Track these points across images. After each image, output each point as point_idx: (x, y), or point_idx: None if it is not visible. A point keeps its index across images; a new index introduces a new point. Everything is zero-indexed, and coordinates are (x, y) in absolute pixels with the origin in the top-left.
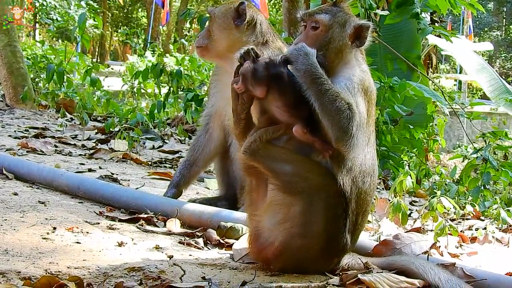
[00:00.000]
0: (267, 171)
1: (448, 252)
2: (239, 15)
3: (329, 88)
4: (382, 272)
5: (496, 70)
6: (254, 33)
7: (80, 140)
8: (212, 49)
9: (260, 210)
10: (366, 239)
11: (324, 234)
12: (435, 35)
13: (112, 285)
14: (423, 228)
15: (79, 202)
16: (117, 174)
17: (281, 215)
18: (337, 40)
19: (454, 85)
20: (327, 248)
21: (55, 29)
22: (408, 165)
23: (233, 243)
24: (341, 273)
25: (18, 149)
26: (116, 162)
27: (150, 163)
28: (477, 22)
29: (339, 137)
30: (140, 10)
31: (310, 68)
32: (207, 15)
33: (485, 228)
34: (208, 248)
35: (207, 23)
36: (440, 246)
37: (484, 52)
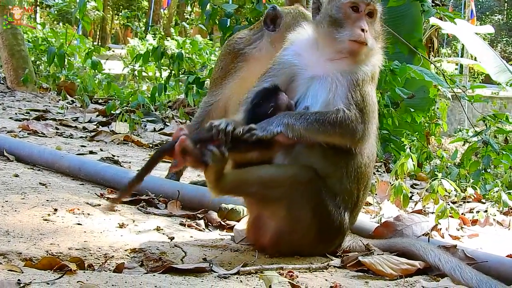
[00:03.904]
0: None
1: (449, 234)
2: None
3: (313, 119)
4: (383, 254)
5: (497, 54)
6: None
7: (81, 123)
8: None
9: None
10: (367, 221)
11: (315, 220)
12: (437, 17)
13: (113, 266)
14: (424, 211)
15: (80, 184)
16: (118, 156)
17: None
18: (380, 29)
19: (456, 69)
20: (323, 232)
21: (56, 12)
22: (410, 148)
23: (234, 225)
24: (342, 255)
25: (19, 131)
26: (117, 144)
27: (151, 145)
28: (479, 6)
29: (353, 144)
30: None
31: (280, 128)
32: None
33: (486, 211)
34: (209, 229)
35: None
36: (441, 228)
37: (486, 35)
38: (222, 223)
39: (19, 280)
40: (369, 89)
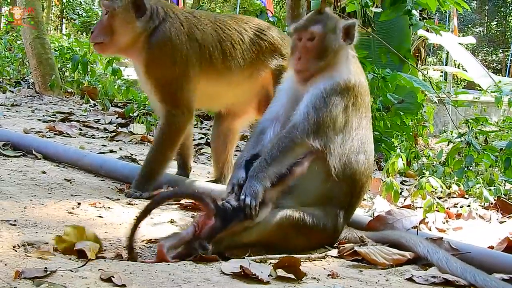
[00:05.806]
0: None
1: (435, 227)
2: (139, 7)
3: (273, 151)
4: (376, 245)
5: (479, 62)
6: (152, 19)
7: (102, 124)
8: (115, 44)
9: None
10: (361, 214)
11: (310, 234)
12: (424, 29)
13: None
14: (412, 205)
15: (101, 180)
16: (135, 155)
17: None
18: (333, 45)
19: (440, 76)
20: (320, 235)
21: (80, 23)
22: (399, 148)
23: None
24: (339, 246)
25: (46, 132)
26: (135, 144)
27: None
28: (462, 19)
29: (307, 141)
30: None
31: (252, 191)
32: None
33: (469, 206)
34: None
35: (105, 18)
36: (428, 222)
37: (468, 46)
38: None
39: (45, 268)
40: (338, 99)
